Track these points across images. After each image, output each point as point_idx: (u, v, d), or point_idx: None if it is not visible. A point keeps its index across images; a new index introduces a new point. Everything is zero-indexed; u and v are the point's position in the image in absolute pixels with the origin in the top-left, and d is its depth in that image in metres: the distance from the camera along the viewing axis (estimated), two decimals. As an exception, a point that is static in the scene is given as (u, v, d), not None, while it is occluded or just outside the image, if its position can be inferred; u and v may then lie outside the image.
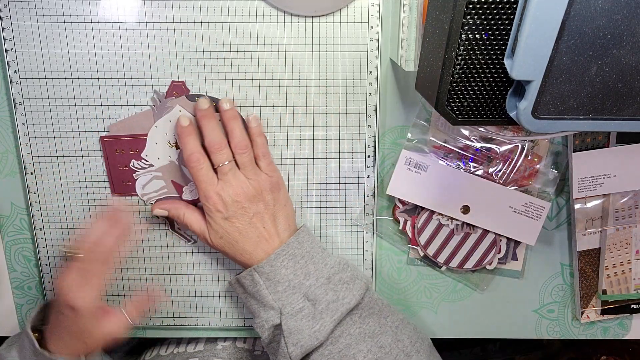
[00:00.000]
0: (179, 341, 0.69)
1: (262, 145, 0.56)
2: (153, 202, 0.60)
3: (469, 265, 0.62)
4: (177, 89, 0.57)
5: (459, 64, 0.39)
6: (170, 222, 0.62)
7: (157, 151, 0.59)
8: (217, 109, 0.56)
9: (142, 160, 0.59)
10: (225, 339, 0.68)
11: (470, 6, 0.36)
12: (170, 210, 0.58)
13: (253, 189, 0.54)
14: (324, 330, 0.51)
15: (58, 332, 0.54)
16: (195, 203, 0.60)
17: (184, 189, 0.60)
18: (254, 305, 0.55)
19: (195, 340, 0.68)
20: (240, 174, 0.54)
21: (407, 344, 0.53)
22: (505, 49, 0.38)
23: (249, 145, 0.55)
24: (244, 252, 0.54)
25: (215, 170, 0.54)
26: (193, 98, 0.57)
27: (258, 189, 0.54)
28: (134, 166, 0.59)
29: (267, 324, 0.53)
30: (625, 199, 0.60)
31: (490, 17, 0.37)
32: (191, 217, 0.57)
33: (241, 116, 0.56)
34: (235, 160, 0.54)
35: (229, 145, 0.54)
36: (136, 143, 0.59)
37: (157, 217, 0.61)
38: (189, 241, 0.62)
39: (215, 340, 0.68)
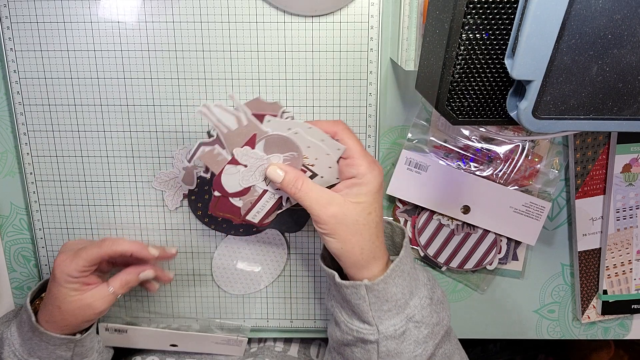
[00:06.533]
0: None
1: None
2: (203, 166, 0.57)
3: (470, 265, 0.62)
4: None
5: (460, 64, 0.38)
6: (199, 212, 0.59)
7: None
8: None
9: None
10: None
11: (471, 6, 0.36)
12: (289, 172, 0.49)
13: None
14: (425, 354, 0.49)
15: (46, 307, 0.53)
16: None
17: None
18: (344, 308, 0.51)
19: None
20: None
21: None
22: (505, 49, 0.38)
23: None
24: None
25: None
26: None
27: None
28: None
29: (355, 332, 0.49)
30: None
31: (490, 16, 0.37)
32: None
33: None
34: None
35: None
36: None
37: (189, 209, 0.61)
38: (223, 232, 0.60)
39: None
